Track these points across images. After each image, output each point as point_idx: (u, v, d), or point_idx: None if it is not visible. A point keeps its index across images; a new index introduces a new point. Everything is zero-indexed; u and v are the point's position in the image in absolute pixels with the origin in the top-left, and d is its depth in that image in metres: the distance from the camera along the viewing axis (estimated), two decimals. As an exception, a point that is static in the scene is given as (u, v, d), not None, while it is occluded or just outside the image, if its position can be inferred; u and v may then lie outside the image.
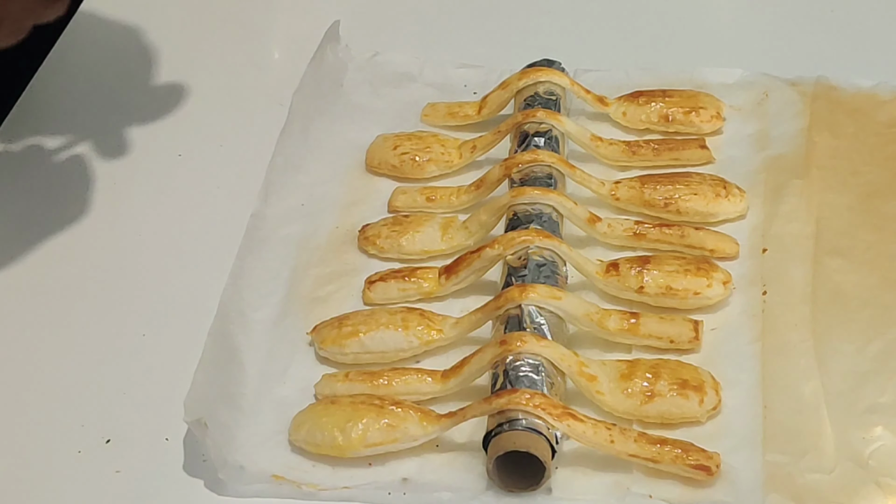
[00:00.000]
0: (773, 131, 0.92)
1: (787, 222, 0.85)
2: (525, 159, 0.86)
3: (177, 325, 0.82)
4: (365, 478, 0.72)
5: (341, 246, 0.87)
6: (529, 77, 0.92)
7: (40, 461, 0.75)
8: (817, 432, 0.73)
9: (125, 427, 0.76)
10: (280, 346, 0.80)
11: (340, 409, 0.74)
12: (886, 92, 0.94)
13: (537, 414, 0.70)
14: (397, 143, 0.92)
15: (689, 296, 0.80)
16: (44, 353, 0.81)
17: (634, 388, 0.74)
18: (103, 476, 0.74)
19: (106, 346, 0.81)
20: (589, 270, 0.81)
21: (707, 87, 0.96)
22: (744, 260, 0.83)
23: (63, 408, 0.77)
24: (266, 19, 1.09)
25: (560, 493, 0.71)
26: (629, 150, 0.90)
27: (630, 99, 0.93)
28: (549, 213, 0.83)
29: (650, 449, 0.71)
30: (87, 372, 0.79)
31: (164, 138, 0.97)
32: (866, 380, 0.76)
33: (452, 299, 0.82)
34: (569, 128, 0.89)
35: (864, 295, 0.80)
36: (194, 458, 0.74)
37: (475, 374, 0.75)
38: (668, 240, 0.84)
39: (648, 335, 0.78)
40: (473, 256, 0.81)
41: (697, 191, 0.86)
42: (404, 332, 0.78)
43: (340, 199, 0.90)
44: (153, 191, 0.93)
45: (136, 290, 0.85)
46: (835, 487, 0.70)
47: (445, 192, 0.89)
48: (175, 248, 0.88)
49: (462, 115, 0.95)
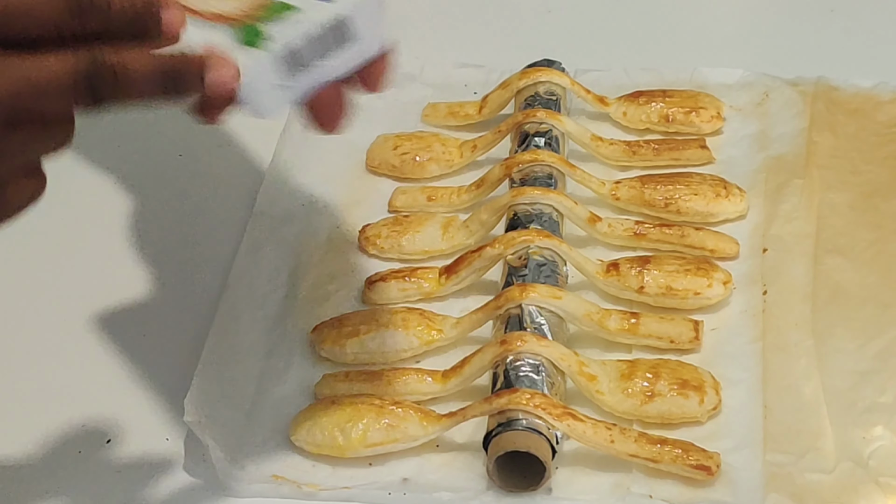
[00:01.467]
0: (773, 131, 0.92)
1: (788, 222, 0.85)
2: (525, 159, 0.86)
3: (177, 325, 0.82)
4: (365, 478, 0.73)
5: (341, 246, 0.87)
6: (530, 77, 0.92)
7: (41, 461, 0.75)
8: (817, 432, 0.73)
9: (125, 427, 0.76)
10: (280, 346, 0.80)
11: (340, 409, 0.74)
12: (886, 92, 0.94)
13: (537, 414, 0.70)
14: (397, 143, 0.92)
15: (689, 296, 0.80)
16: (44, 353, 0.81)
17: (635, 388, 0.74)
18: (104, 476, 0.74)
19: (106, 346, 0.81)
20: (589, 270, 0.81)
21: (707, 88, 0.96)
22: (744, 260, 0.83)
23: (63, 408, 0.77)
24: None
25: (560, 493, 0.71)
26: (629, 150, 0.90)
27: (630, 99, 0.93)
28: (550, 213, 0.83)
29: (650, 449, 0.71)
30: (88, 372, 0.79)
31: (163, 138, 0.97)
32: (866, 379, 0.76)
33: (453, 299, 0.82)
34: (569, 128, 0.89)
35: (865, 294, 0.80)
36: (194, 458, 0.74)
37: (475, 374, 0.75)
38: (668, 240, 0.84)
39: (649, 335, 0.78)
40: (474, 256, 0.81)
41: (698, 191, 0.86)
42: (404, 332, 0.78)
43: (340, 199, 0.90)
44: (153, 191, 0.93)
45: (136, 290, 0.85)
46: (835, 487, 0.70)
47: (446, 192, 0.89)
48: (175, 248, 0.88)
49: (462, 114, 0.95)
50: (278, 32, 0.62)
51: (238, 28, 0.62)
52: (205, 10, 0.63)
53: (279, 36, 0.62)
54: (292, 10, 0.63)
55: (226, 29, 0.62)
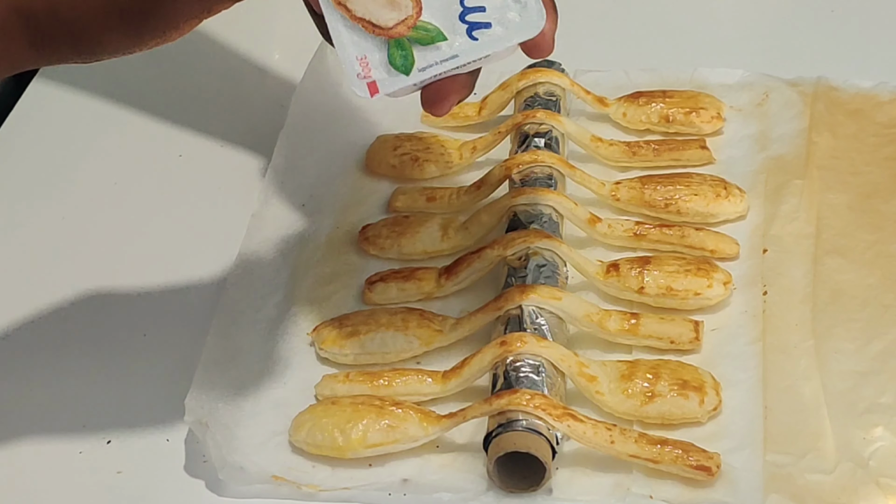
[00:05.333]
0: (773, 132, 0.92)
1: (788, 222, 0.85)
2: (525, 160, 0.86)
3: (177, 325, 0.82)
4: (365, 479, 0.72)
5: (341, 246, 0.87)
6: (529, 78, 0.92)
7: (42, 462, 0.75)
8: (818, 433, 0.73)
9: (126, 428, 0.76)
10: (280, 347, 0.80)
11: (341, 410, 0.73)
12: (886, 92, 0.94)
13: (538, 415, 0.70)
14: (397, 144, 0.92)
15: (689, 296, 0.80)
16: (44, 353, 0.81)
17: (635, 389, 0.74)
18: (104, 477, 0.74)
19: (106, 346, 0.81)
20: (589, 271, 0.81)
21: (707, 88, 0.96)
22: (744, 260, 0.83)
23: (64, 408, 0.77)
24: (266, 20, 1.09)
25: (560, 494, 0.71)
26: (629, 151, 0.90)
27: (630, 99, 0.93)
28: (550, 214, 0.83)
29: (650, 449, 0.71)
30: (88, 372, 0.79)
31: (164, 138, 0.97)
32: (867, 380, 0.76)
33: (453, 300, 0.82)
34: (569, 128, 0.89)
35: (865, 295, 0.80)
36: (195, 458, 0.74)
37: (475, 375, 0.75)
38: (668, 240, 0.84)
39: (649, 336, 0.78)
40: (473, 257, 0.81)
41: (698, 191, 0.86)
42: (404, 333, 0.78)
43: (340, 199, 0.90)
44: (153, 191, 0.93)
45: (136, 289, 0.85)
46: (835, 488, 0.70)
47: (445, 193, 0.89)
48: (175, 248, 0.88)
49: (462, 115, 0.95)
50: (424, 59, 0.66)
51: (390, 42, 0.66)
52: (361, 15, 0.66)
53: (423, 62, 0.66)
54: (441, 38, 0.66)
55: (377, 41, 0.66)
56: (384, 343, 0.78)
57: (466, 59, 0.66)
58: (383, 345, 0.78)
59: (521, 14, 0.66)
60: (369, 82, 0.66)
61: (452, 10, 0.66)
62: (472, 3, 0.66)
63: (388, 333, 0.78)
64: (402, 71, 0.66)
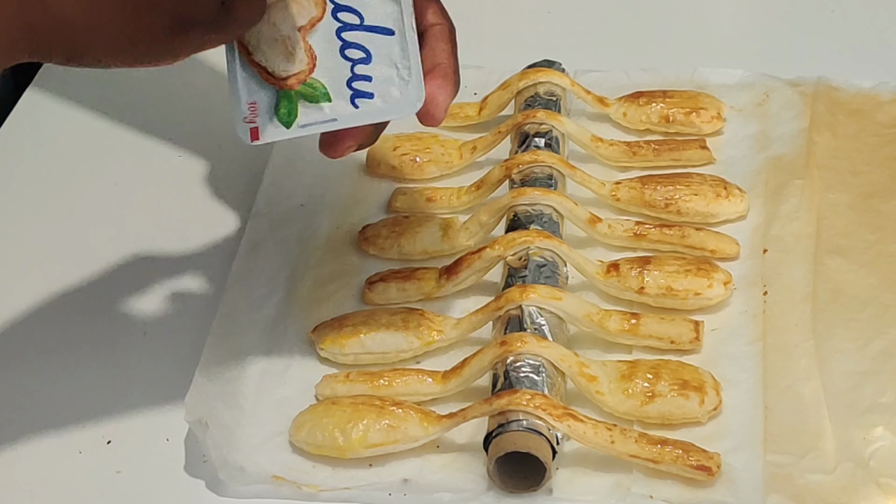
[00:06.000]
0: (773, 132, 0.92)
1: (788, 222, 0.85)
2: (525, 160, 0.86)
3: (177, 325, 0.82)
4: (365, 479, 0.72)
5: (341, 246, 0.87)
6: (529, 78, 0.92)
7: (41, 461, 0.75)
8: (818, 433, 0.73)
9: (126, 427, 0.76)
10: (280, 346, 0.80)
11: (341, 410, 0.73)
12: (886, 92, 0.94)
13: (538, 415, 0.70)
14: (397, 144, 0.92)
15: (689, 296, 0.80)
16: (44, 353, 0.81)
17: (635, 389, 0.74)
18: (104, 476, 0.74)
19: (106, 346, 0.81)
20: (589, 271, 0.81)
21: (707, 88, 0.96)
22: (744, 260, 0.83)
23: (64, 408, 0.77)
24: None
25: (561, 494, 0.71)
26: (629, 151, 0.90)
27: (630, 99, 0.93)
28: (550, 214, 0.83)
29: (651, 449, 0.71)
30: (88, 372, 0.79)
31: (163, 139, 0.96)
32: (867, 380, 0.76)
33: (453, 300, 0.82)
34: (569, 128, 0.89)
35: (865, 295, 0.80)
36: (195, 458, 0.74)
37: (476, 375, 0.75)
38: (668, 240, 0.84)
39: (649, 336, 0.78)
40: (474, 257, 0.81)
41: (698, 191, 0.86)
42: (405, 333, 0.78)
43: (340, 199, 0.90)
44: (153, 191, 0.93)
45: (136, 289, 0.85)
46: (835, 488, 0.70)
47: (445, 193, 0.89)
48: (175, 248, 0.88)
49: (462, 115, 0.94)
50: (306, 116, 0.70)
51: (280, 93, 0.69)
52: (259, 61, 0.70)
53: (305, 119, 0.70)
54: (325, 99, 0.69)
55: (269, 89, 0.69)
56: (384, 343, 0.78)
57: (344, 124, 0.70)
58: (383, 345, 0.78)
59: (402, 91, 0.69)
60: (252, 128, 0.69)
61: (342, 74, 0.69)
62: (361, 71, 0.69)
63: (388, 333, 0.78)
64: (284, 124, 0.69)
